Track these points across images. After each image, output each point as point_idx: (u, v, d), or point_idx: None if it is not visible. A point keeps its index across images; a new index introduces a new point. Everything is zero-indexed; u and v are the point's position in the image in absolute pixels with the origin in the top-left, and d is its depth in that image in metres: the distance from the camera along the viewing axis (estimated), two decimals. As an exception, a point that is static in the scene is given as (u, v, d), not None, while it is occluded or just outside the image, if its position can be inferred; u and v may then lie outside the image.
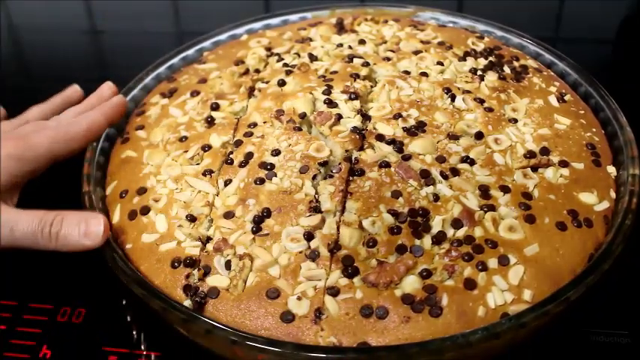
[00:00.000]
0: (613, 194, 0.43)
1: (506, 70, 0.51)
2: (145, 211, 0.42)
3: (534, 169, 0.43)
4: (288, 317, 0.36)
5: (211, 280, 0.38)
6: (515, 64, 0.52)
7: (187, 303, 0.38)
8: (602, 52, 0.67)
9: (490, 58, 0.52)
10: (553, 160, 0.44)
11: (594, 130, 0.47)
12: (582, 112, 0.49)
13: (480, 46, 0.54)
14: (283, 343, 0.35)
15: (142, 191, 0.44)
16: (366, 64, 0.51)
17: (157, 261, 0.40)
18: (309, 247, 0.39)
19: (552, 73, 0.53)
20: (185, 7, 0.69)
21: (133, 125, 0.50)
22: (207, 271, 0.39)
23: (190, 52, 0.57)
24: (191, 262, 0.39)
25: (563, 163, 0.44)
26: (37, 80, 0.46)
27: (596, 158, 0.45)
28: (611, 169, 0.44)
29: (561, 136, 0.46)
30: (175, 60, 0.56)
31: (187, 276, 0.39)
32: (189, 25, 0.56)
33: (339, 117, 0.46)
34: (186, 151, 0.45)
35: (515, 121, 0.46)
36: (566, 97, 0.49)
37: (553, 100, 0.49)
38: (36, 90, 0.43)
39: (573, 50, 0.56)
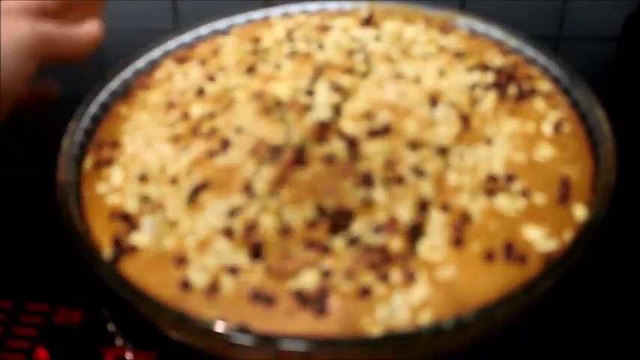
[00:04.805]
0: (568, 236, 0.40)
1: (511, 89, 0.48)
2: (109, 163, 0.45)
3: (489, 193, 0.41)
4: (185, 286, 0.38)
5: (135, 237, 0.40)
6: (525, 85, 0.49)
7: (107, 252, 0.40)
8: (607, 49, 0.64)
9: (500, 76, 0.49)
10: (513, 188, 0.41)
11: (580, 166, 0.44)
12: (575, 145, 0.45)
13: (497, 62, 0.51)
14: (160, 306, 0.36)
15: (114, 145, 0.47)
16: (366, 61, 0.50)
17: (100, 211, 0.43)
18: (229, 224, 0.40)
19: (565, 101, 0.49)
20: (184, 5, 0.71)
21: (138, 84, 0.53)
22: (135, 228, 0.41)
23: (222, 25, 0.59)
24: (125, 217, 0.42)
25: (523, 193, 0.41)
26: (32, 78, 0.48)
27: (565, 195, 0.42)
28: (580, 210, 0.41)
29: (535, 166, 0.43)
30: (205, 31, 0.59)
31: (118, 229, 0.41)
32: (188, 23, 0.58)
33: (311, 107, 0.46)
34: (167, 116, 0.48)
35: (492, 141, 0.44)
36: (565, 128, 0.46)
37: (546, 127, 0.46)
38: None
39: (577, 48, 0.52)
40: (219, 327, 0.35)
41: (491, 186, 0.41)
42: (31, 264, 0.49)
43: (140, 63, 0.54)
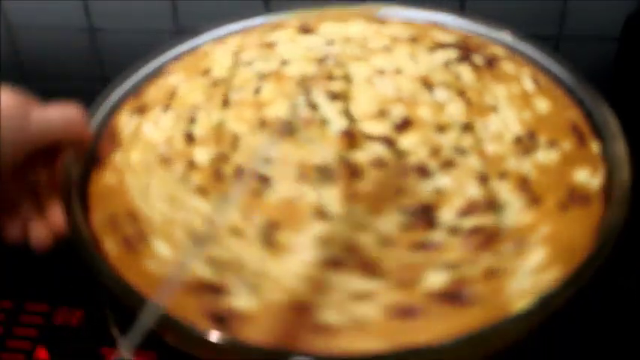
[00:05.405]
0: (602, 169, 0.44)
1: (477, 59, 0.51)
2: (142, 239, 0.40)
3: (525, 152, 0.44)
4: (325, 330, 0.35)
5: (234, 303, 0.36)
6: (485, 52, 0.53)
7: (213, 333, 0.35)
8: (607, 49, 0.67)
9: (460, 50, 0.52)
10: (541, 142, 0.44)
11: (573, 109, 0.48)
12: (558, 93, 0.50)
13: (448, 38, 0.54)
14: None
15: (132, 217, 0.41)
16: (340, 64, 0.50)
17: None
18: (325, 254, 0.37)
19: (520, 58, 0.53)
20: (183, 5, 0.67)
21: (106, 149, 0.47)
22: (224, 294, 0.37)
23: (151, 68, 0.55)
24: (210, 287, 0.37)
25: (551, 144, 0.44)
26: (34, 79, 0.44)
27: (581, 137, 0.46)
28: (596, 147, 0.46)
29: (544, 119, 0.46)
30: (137, 78, 0.54)
31: (207, 303, 0.37)
32: (188, 23, 0.54)
33: (324, 120, 0.45)
34: (171, 171, 0.43)
35: (497, 109, 0.47)
36: (540, 81, 0.50)
37: (528, 84, 0.49)
38: (33, 88, 0.42)
39: (577, 48, 0.54)
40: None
41: (522, 146, 0.44)
42: (31, 264, 0.47)
43: (93, 122, 0.48)
